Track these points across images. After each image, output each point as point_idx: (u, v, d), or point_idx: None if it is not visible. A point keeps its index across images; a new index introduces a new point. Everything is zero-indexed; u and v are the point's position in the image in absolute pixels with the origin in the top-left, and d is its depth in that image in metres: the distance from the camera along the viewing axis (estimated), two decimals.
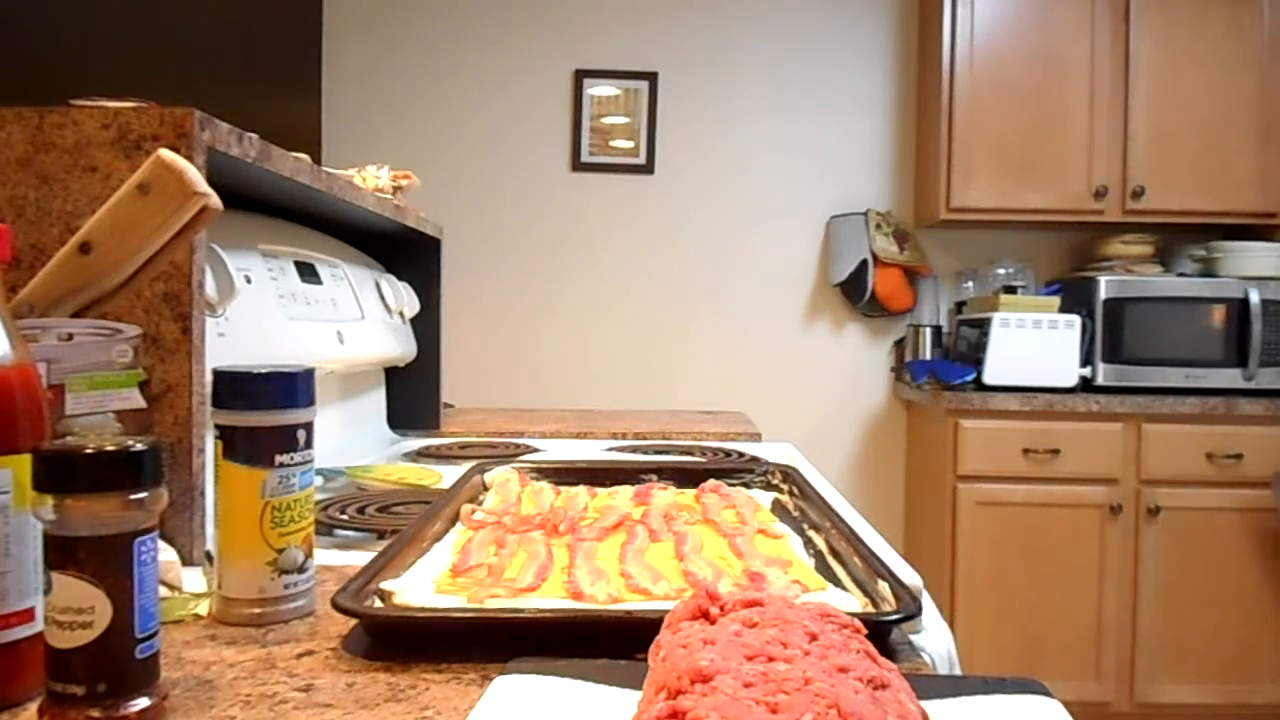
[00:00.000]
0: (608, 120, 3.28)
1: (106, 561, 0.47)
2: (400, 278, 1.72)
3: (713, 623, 0.47)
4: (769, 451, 1.62)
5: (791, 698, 0.38)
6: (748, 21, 3.27)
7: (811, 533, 0.86)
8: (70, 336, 0.69)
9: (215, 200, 0.70)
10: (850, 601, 0.65)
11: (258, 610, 0.66)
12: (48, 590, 0.48)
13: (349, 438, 1.54)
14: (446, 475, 1.20)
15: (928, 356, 3.15)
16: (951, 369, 2.92)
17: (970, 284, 3.20)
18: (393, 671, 0.57)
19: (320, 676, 0.57)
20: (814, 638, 0.44)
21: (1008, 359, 2.79)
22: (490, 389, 2.99)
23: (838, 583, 0.70)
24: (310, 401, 0.68)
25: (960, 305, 3.20)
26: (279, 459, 0.66)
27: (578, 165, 3.28)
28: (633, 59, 3.26)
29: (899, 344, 3.28)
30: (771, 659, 0.42)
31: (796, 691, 0.39)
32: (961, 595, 2.73)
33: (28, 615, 0.52)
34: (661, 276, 3.28)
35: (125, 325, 0.72)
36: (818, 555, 0.79)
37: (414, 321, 1.76)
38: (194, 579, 0.73)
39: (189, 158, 0.74)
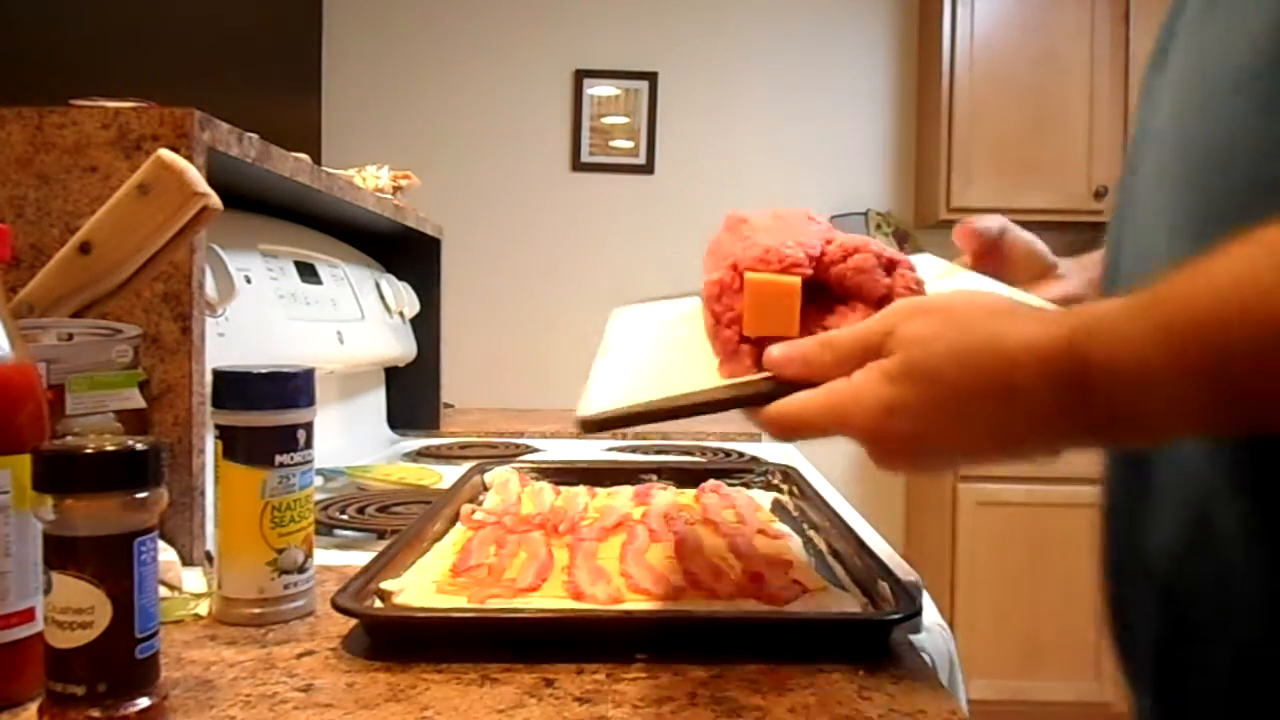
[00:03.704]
0: (608, 120, 3.28)
1: (106, 561, 0.47)
2: (400, 278, 1.72)
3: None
4: (769, 451, 1.62)
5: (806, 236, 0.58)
6: (748, 21, 3.27)
7: (811, 533, 0.86)
8: (70, 336, 0.69)
9: (215, 200, 0.70)
10: (850, 601, 0.65)
11: (258, 610, 0.66)
12: (48, 590, 0.48)
13: (349, 438, 1.54)
14: (446, 475, 1.20)
15: None
16: None
17: None
18: (393, 671, 0.57)
19: (320, 676, 0.57)
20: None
21: None
22: (490, 389, 2.99)
23: (838, 583, 0.70)
24: (310, 401, 0.68)
25: None
26: (279, 459, 0.66)
27: (578, 165, 3.28)
28: (633, 59, 3.26)
29: None
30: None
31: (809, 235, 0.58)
32: (961, 595, 2.73)
33: (28, 615, 0.52)
34: (661, 276, 3.27)
35: (125, 325, 0.72)
36: (818, 555, 0.79)
37: (414, 321, 1.76)
38: (194, 579, 0.73)
39: (189, 158, 0.74)
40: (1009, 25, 2.94)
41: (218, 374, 0.68)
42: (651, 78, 3.25)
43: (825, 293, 0.57)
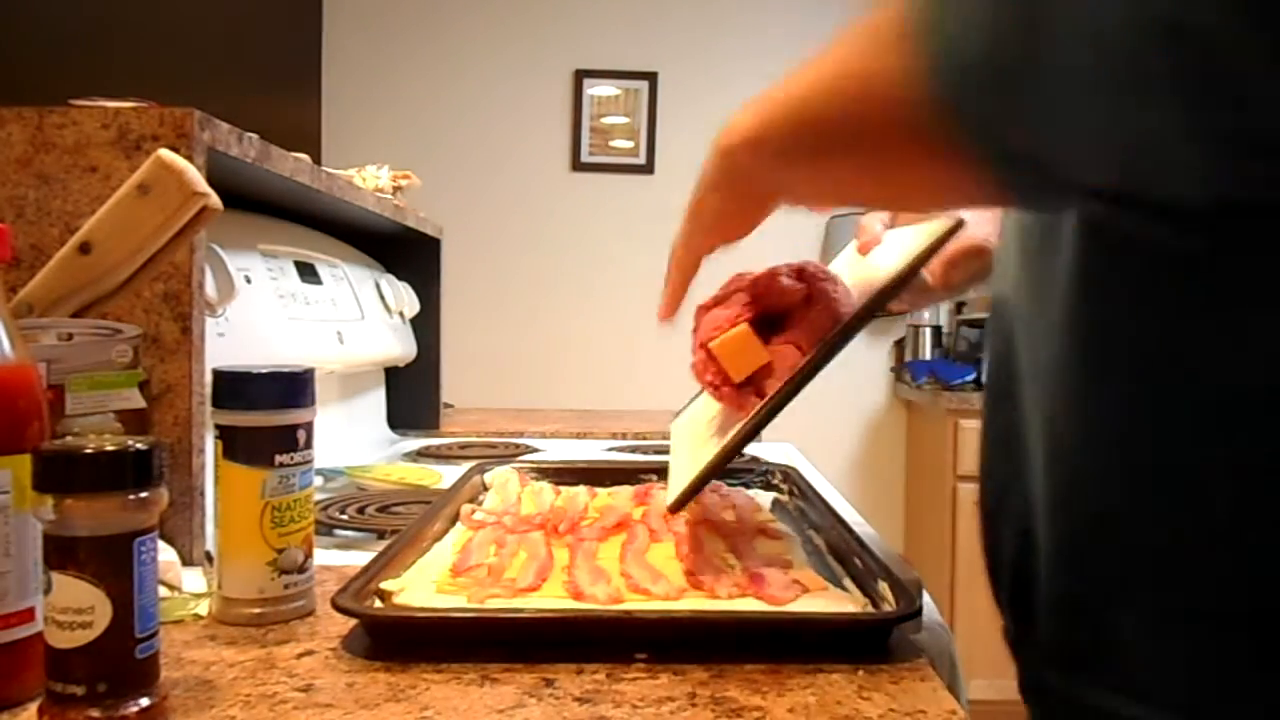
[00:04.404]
0: (608, 120, 3.28)
1: (106, 561, 0.47)
2: (400, 278, 1.72)
3: None
4: (769, 451, 1.62)
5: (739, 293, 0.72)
6: (748, 21, 3.27)
7: (811, 533, 0.86)
8: (70, 336, 0.69)
9: (215, 200, 0.70)
10: (850, 601, 0.65)
11: (258, 610, 0.66)
12: (48, 590, 0.48)
13: (349, 438, 1.54)
14: (446, 475, 1.20)
15: (928, 356, 3.15)
16: (951, 369, 2.92)
17: None
18: (393, 671, 0.57)
19: (320, 676, 0.57)
20: None
21: None
22: (490, 389, 2.99)
23: (838, 583, 0.70)
24: (310, 401, 0.68)
25: (960, 305, 3.20)
26: (279, 459, 0.66)
27: (578, 165, 3.28)
28: (633, 59, 3.26)
29: (899, 344, 3.27)
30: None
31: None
32: (961, 595, 2.73)
33: (28, 615, 0.52)
34: (661, 276, 3.27)
35: (125, 325, 0.72)
36: (818, 555, 0.79)
37: (414, 321, 1.76)
38: (194, 579, 0.73)
39: (189, 158, 0.74)
40: None
41: (218, 374, 0.68)
42: (651, 78, 3.25)
43: (772, 320, 0.71)
